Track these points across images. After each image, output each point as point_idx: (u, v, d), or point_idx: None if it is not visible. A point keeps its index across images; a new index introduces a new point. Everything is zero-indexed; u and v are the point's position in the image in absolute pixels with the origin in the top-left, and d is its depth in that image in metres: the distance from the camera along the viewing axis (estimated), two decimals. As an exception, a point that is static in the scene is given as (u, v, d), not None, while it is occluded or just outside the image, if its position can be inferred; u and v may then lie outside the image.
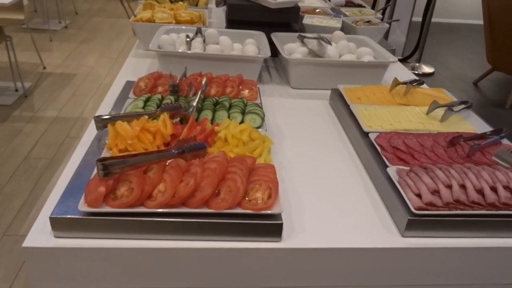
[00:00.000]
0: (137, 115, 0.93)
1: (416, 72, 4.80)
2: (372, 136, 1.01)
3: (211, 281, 0.78)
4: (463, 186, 0.82)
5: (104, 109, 1.14)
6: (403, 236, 0.80)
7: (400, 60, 5.26)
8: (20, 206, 2.33)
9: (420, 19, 4.82)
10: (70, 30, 5.31)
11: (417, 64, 4.88)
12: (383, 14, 4.89)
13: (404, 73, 1.64)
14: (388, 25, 1.76)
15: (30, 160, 2.72)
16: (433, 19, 5.33)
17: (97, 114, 1.05)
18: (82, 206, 0.72)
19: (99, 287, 0.77)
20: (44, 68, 4.11)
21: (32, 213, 2.29)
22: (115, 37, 5.17)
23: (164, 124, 0.90)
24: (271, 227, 0.75)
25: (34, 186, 2.49)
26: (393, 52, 1.73)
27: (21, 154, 2.78)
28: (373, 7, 5.33)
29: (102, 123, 0.94)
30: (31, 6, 5.89)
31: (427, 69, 4.88)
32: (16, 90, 3.54)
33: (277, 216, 0.75)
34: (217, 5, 1.85)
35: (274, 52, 1.42)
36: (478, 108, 4.04)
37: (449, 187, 0.81)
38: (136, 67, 1.49)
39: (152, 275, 0.76)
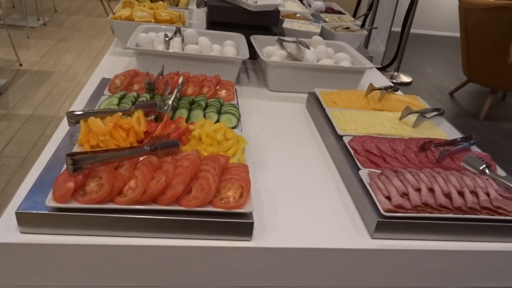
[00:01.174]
0: (111, 112, 0.92)
1: (394, 81, 4.89)
2: (346, 140, 1.03)
3: (181, 280, 0.77)
4: (431, 190, 0.83)
5: (78, 106, 1.12)
6: (373, 238, 0.81)
7: (379, 69, 5.35)
8: (-10, 205, 2.27)
9: (399, 29, 4.92)
10: (49, 28, 5.23)
11: (396, 73, 4.97)
12: (363, 22, 4.97)
13: (380, 80, 1.66)
14: (366, 32, 1.79)
15: (2, 158, 2.66)
16: (412, 30, 5.44)
17: (70, 110, 1.04)
18: (50, 201, 0.71)
19: (67, 284, 0.76)
20: (21, 65, 4.03)
21: (3, 212, 2.23)
22: (94, 35, 5.11)
23: (138, 121, 0.89)
24: (242, 225, 0.75)
25: (6, 185, 2.43)
26: (370, 59, 1.75)
27: (-8, 151, 2.72)
28: (354, 14, 5.42)
29: (74, 119, 0.93)
30: (9, 1, 5.78)
31: (405, 78, 4.98)
32: (-10, 87, 3.47)
33: (248, 215, 0.75)
34: (198, 6, 1.85)
35: (253, 54, 1.43)
36: (453, 118, 4.13)
37: (418, 190, 0.83)
38: (113, 65, 1.47)
39: (121, 272, 0.75)
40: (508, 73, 3.96)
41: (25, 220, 0.71)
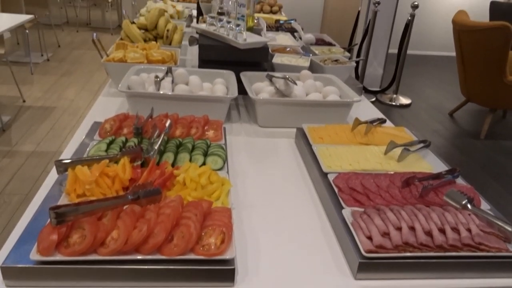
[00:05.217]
0: (98, 159, 0.95)
1: (394, 103, 4.92)
2: (331, 177, 1.04)
3: (165, 328, 0.78)
4: (412, 228, 0.84)
5: (70, 150, 1.15)
6: (356, 279, 0.81)
7: (377, 92, 5.38)
8: (-9, 244, 2.28)
9: (396, 51, 4.98)
10: (52, 63, 5.34)
11: (395, 96, 5.01)
12: (360, 46, 5.03)
13: (370, 110, 1.69)
14: (354, 64, 1.83)
15: (4, 196, 2.69)
16: (409, 51, 5.51)
17: (60, 158, 1.06)
18: (34, 255, 0.72)
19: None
20: (24, 101, 4.10)
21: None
22: (97, 69, 5.20)
23: (123, 169, 0.91)
24: (224, 272, 0.76)
25: (7, 223, 2.46)
26: (360, 90, 1.78)
27: (-5, 189, 2.75)
28: (351, 38, 5.49)
29: (63, 167, 0.96)
30: (13, 39, 5.92)
31: (404, 100, 5.00)
32: (-6, 124, 3.53)
33: (230, 261, 0.77)
34: (190, 44, 1.90)
35: (244, 90, 1.46)
36: (454, 139, 4.14)
37: (399, 229, 0.84)
38: (106, 106, 1.51)
39: (106, 322, 0.76)
40: (505, 92, 3.98)
41: (10, 274, 0.73)
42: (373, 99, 5.00)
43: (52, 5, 6.36)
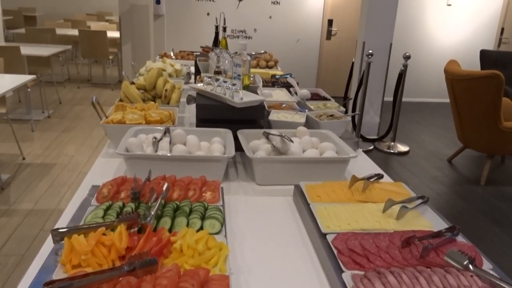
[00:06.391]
0: (95, 227, 0.94)
1: (392, 151, 4.94)
2: (329, 238, 1.03)
3: None
4: (414, 293, 0.82)
5: (66, 217, 1.15)
6: None
7: (375, 140, 5.43)
8: (-15, 309, 2.22)
9: (391, 98, 5.07)
10: (53, 119, 5.42)
11: (392, 143, 5.04)
12: (355, 96, 5.13)
13: (367, 164, 1.70)
14: (349, 119, 1.86)
15: (0, 257, 2.64)
16: (405, 99, 5.62)
17: (57, 226, 1.06)
18: (26, 333, 0.70)
19: None
20: (24, 158, 4.13)
21: (-3, 316, 2.19)
22: (97, 124, 5.27)
23: (120, 237, 0.90)
24: None
25: (3, 286, 2.40)
26: (356, 144, 1.80)
27: (-9, 250, 2.71)
28: (346, 91, 5.61)
29: (59, 236, 0.95)
30: (15, 96, 6.04)
31: (402, 147, 5.04)
32: (-7, 183, 3.54)
33: (228, 334, 0.74)
34: (188, 102, 1.94)
35: (242, 147, 1.47)
36: (454, 185, 4.12)
37: (401, 294, 0.82)
38: (105, 168, 1.52)
39: None
40: (502, 138, 4.02)
41: None
42: (371, 147, 5.04)
43: (55, 64, 6.54)
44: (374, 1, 4.92)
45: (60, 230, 0.95)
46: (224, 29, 2.68)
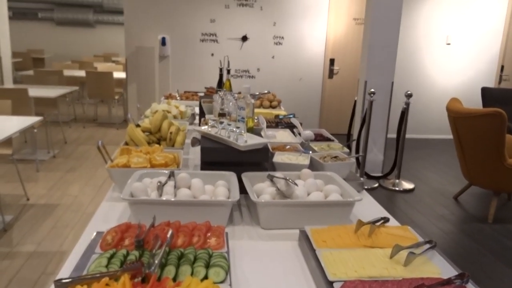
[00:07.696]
0: (98, 277, 0.93)
1: (397, 188, 4.91)
2: (336, 286, 1.01)
3: None
4: None
5: (70, 265, 1.13)
6: None
7: (379, 177, 5.40)
8: None
9: (395, 135, 5.08)
10: (58, 159, 5.45)
11: (397, 181, 5.02)
12: (359, 135, 5.16)
13: (372, 206, 1.68)
14: (354, 160, 1.86)
15: (0, 302, 2.60)
16: (408, 135, 5.64)
17: (60, 274, 1.05)
18: None
19: None
20: (28, 199, 4.12)
21: None
22: (101, 163, 5.29)
23: (123, 288, 0.89)
24: None
25: (1, 332, 2.34)
26: (361, 185, 1.80)
27: (-9, 295, 2.66)
28: (349, 129, 5.64)
29: (63, 287, 0.94)
30: (21, 137, 6.11)
31: (407, 185, 5.01)
32: (-4, 224, 3.52)
33: None
34: (193, 145, 1.95)
35: (246, 190, 1.47)
36: (461, 224, 4.07)
37: None
38: (109, 212, 1.51)
39: None
40: (507, 176, 3.99)
41: None
42: (376, 185, 5.01)
43: (61, 104, 6.65)
44: (374, 41, 5.02)
45: (64, 281, 0.94)
46: (228, 71, 2.74)
